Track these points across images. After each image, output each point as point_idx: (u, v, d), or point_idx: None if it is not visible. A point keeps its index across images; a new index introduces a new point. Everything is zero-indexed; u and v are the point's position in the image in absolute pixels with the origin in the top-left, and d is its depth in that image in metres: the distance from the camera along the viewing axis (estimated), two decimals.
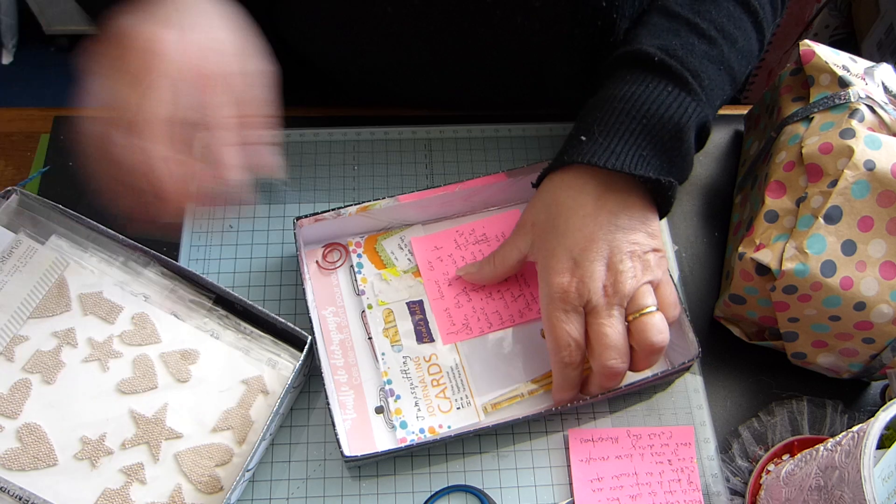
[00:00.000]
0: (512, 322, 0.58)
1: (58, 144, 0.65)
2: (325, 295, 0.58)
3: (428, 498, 0.53)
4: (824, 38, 1.51)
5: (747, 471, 0.55)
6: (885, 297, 0.50)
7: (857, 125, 0.52)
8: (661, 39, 0.55)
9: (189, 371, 0.53)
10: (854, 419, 0.56)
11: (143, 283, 0.55)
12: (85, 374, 0.52)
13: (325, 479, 0.53)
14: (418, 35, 0.62)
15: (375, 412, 0.54)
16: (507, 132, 0.68)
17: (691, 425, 0.56)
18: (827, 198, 0.51)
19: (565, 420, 0.56)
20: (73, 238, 0.55)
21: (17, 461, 0.49)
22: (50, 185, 0.63)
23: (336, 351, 0.56)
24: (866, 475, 0.40)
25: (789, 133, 0.57)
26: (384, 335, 0.57)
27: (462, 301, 0.59)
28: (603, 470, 0.54)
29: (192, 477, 0.50)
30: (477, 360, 0.56)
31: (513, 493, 0.54)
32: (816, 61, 0.58)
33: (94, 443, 0.50)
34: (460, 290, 0.59)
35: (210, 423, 0.52)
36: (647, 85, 0.53)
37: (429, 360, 0.56)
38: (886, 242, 0.51)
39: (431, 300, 0.58)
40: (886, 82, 0.57)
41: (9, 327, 0.52)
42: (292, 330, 0.53)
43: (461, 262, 0.60)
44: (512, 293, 0.59)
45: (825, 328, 0.53)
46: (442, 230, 0.61)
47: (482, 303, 0.59)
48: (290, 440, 0.54)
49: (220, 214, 0.63)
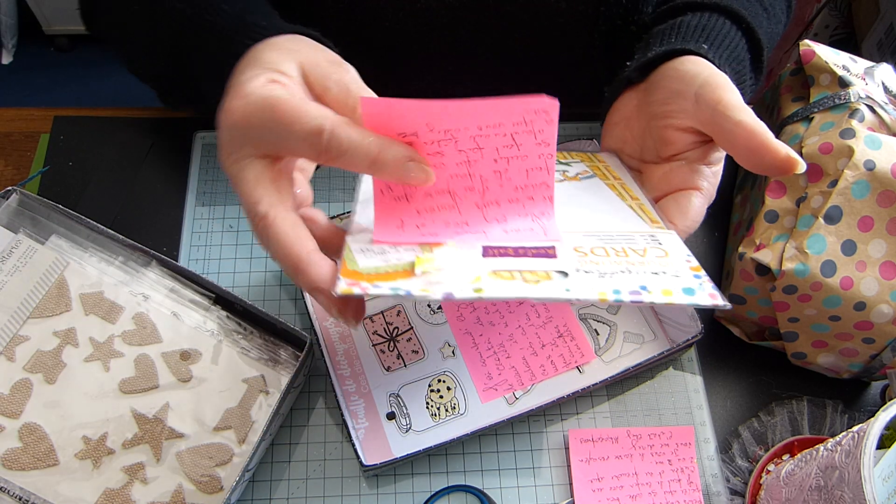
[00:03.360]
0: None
1: (58, 144, 0.65)
2: None
3: (428, 498, 0.53)
4: (824, 38, 1.51)
5: (747, 471, 0.55)
6: (885, 297, 0.50)
7: (857, 125, 0.52)
8: (741, 1, 0.54)
9: (190, 371, 0.53)
10: (854, 419, 0.56)
11: (144, 282, 0.55)
12: (86, 373, 0.52)
13: (325, 479, 0.53)
14: (443, 12, 0.62)
15: (387, 418, 0.54)
16: None
17: (691, 425, 0.56)
18: (827, 198, 0.51)
19: (565, 420, 0.56)
20: (73, 238, 0.55)
21: (18, 461, 0.49)
22: (50, 185, 0.63)
23: (342, 361, 0.56)
24: (866, 475, 0.40)
25: (789, 133, 0.57)
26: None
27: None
28: (603, 470, 0.54)
29: (192, 477, 0.50)
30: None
31: (513, 493, 0.54)
32: (816, 61, 0.58)
33: (95, 443, 0.50)
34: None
35: (211, 423, 0.52)
36: (740, 47, 0.53)
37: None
38: (886, 242, 0.51)
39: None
40: (886, 82, 0.57)
41: (9, 327, 0.52)
42: (292, 330, 0.53)
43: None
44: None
45: (825, 328, 0.53)
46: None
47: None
48: (290, 440, 0.54)
49: (220, 214, 0.63)
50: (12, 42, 1.80)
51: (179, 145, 0.66)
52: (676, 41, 0.51)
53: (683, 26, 0.53)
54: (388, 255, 0.40)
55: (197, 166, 0.65)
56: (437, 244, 0.41)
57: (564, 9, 0.61)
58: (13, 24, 1.78)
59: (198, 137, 0.66)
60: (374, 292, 0.37)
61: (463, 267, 0.39)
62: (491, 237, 0.42)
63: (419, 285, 0.37)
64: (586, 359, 0.57)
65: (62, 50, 1.83)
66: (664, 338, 0.58)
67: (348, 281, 0.37)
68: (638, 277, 0.40)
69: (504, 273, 0.39)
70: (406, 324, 0.58)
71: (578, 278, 0.39)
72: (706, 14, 0.54)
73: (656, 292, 0.39)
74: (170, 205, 0.63)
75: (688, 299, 0.39)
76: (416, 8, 0.61)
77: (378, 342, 0.57)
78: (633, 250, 0.42)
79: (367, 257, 0.39)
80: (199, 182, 0.64)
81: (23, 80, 1.80)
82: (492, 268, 0.39)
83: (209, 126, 0.67)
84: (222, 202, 0.63)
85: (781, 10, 0.60)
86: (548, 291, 0.38)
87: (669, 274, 0.40)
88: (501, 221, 0.42)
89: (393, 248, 0.40)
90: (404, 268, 0.39)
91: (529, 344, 0.57)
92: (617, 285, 0.39)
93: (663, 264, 0.41)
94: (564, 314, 0.59)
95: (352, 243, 0.40)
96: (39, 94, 1.77)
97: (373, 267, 0.39)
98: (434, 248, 0.40)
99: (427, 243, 0.41)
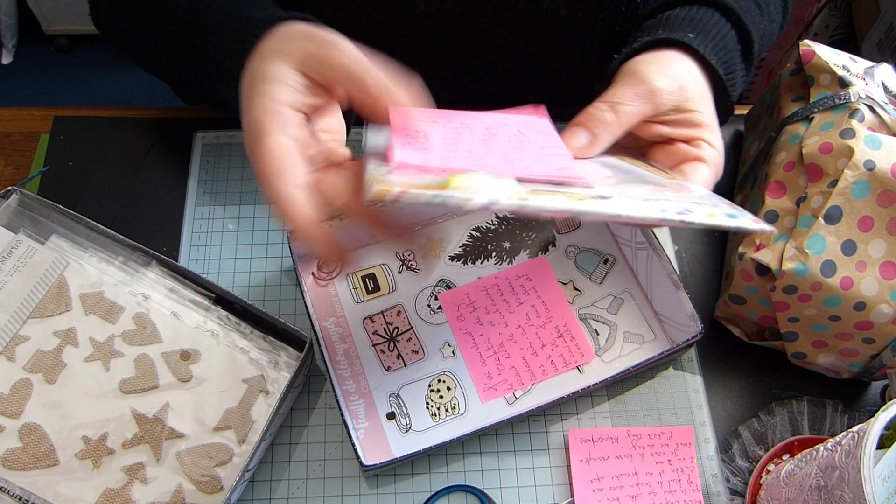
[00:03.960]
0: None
1: (58, 144, 0.65)
2: (325, 306, 0.58)
3: (428, 498, 0.53)
4: (824, 38, 1.51)
5: (747, 471, 0.55)
6: (885, 297, 0.50)
7: (857, 125, 0.52)
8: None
9: (190, 371, 0.53)
10: (854, 419, 0.56)
11: (143, 282, 0.55)
12: (86, 373, 0.52)
13: (325, 479, 0.53)
14: (441, 18, 0.62)
15: (387, 418, 0.54)
16: None
17: (691, 425, 0.56)
18: (827, 198, 0.51)
19: (565, 420, 0.56)
20: (73, 238, 0.55)
21: (18, 461, 0.49)
22: (50, 185, 0.63)
23: (342, 361, 0.56)
24: (866, 475, 0.40)
25: (789, 133, 0.57)
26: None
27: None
28: (603, 470, 0.54)
29: (192, 477, 0.50)
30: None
31: (513, 493, 0.54)
32: (816, 61, 0.58)
33: (95, 443, 0.50)
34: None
35: (211, 423, 0.52)
36: (729, 37, 0.53)
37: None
38: (886, 242, 0.51)
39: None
40: (886, 82, 0.57)
41: (9, 327, 0.52)
42: (292, 330, 0.53)
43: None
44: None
45: (825, 328, 0.53)
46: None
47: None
48: (290, 440, 0.54)
49: (220, 214, 0.63)
50: (12, 42, 1.80)
51: (179, 145, 0.66)
52: (663, 32, 0.52)
53: (671, 18, 0.53)
54: (417, 178, 0.37)
55: (197, 166, 0.65)
56: (468, 170, 0.38)
57: (564, 15, 0.61)
58: (13, 24, 1.78)
59: (198, 137, 0.66)
60: (411, 196, 0.34)
61: (501, 185, 0.37)
62: (521, 175, 0.39)
63: (458, 193, 0.34)
64: (586, 359, 0.57)
65: (62, 50, 1.83)
66: (664, 338, 0.58)
67: (382, 186, 0.34)
68: (680, 203, 0.39)
69: (545, 190, 0.37)
70: (406, 324, 0.58)
71: (621, 200, 0.38)
72: (695, 7, 0.54)
73: (701, 214, 0.38)
74: (170, 205, 0.63)
75: (732, 222, 0.38)
76: (415, 14, 0.61)
77: (378, 342, 0.57)
78: (667, 189, 0.42)
79: (394, 176, 0.36)
80: (199, 182, 0.64)
81: (23, 80, 1.80)
82: (531, 188, 0.37)
83: (209, 126, 0.67)
84: (222, 202, 0.63)
85: (777, 10, 0.60)
86: (594, 206, 0.36)
87: (708, 204, 0.40)
88: (528, 169, 0.40)
89: (419, 172, 0.37)
90: (438, 184, 0.36)
91: (529, 344, 0.57)
92: (662, 206, 0.38)
93: (700, 198, 0.41)
94: (564, 314, 0.59)
95: (373, 168, 0.38)
96: (39, 94, 1.77)
97: (405, 181, 0.35)
98: (466, 173, 0.38)
99: (457, 171, 0.38)
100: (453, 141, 0.41)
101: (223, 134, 0.66)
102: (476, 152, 0.40)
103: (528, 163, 0.41)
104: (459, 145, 0.40)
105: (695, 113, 0.48)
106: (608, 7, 0.61)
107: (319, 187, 0.41)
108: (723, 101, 0.54)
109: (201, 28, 0.50)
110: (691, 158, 0.48)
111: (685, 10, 0.54)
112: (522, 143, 0.43)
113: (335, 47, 0.43)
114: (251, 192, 0.64)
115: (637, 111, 0.47)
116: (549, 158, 0.42)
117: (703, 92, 0.50)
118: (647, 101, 0.47)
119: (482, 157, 0.40)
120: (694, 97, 0.49)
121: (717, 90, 0.53)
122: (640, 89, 0.47)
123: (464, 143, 0.41)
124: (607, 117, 0.46)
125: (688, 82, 0.49)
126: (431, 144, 0.40)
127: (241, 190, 0.64)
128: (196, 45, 0.51)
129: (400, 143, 0.39)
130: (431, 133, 0.41)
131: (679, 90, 0.48)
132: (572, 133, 0.47)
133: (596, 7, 0.61)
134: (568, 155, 0.43)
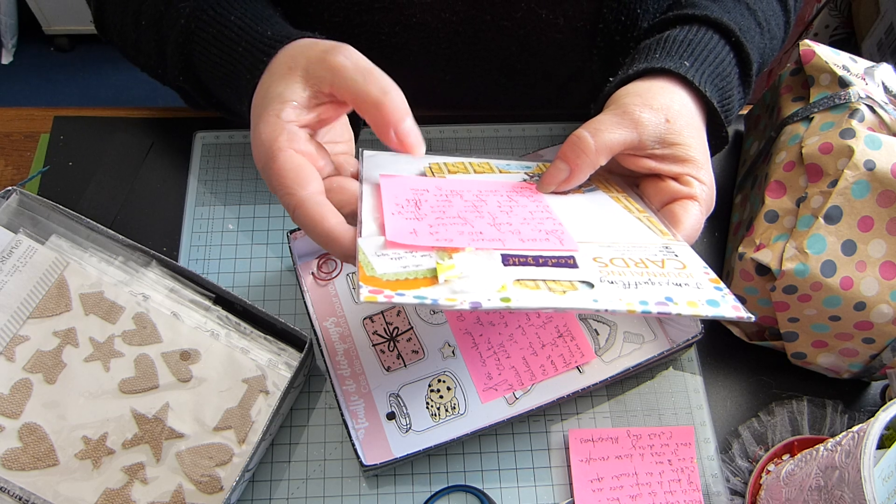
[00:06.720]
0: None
1: (57, 144, 0.65)
2: (325, 306, 0.58)
3: (428, 498, 0.53)
4: (824, 38, 1.51)
5: (747, 471, 0.55)
6: (885, 297, 0.50)
7: (857, 125, 0.52)
8: (733, 15, 0.55)
9: (190, 371, 0.53)
10: (854, 419, 0.56)
11: (143, 282, 0.55)
12: (86, 373, 0.52)
13: (324, 479, 0.53)
14: (439, 27, 0.62)
15: (387, 418, 0.54)
16: (508, 132, 0.68)
17: (691, 425, 0.56)
18: (827, 198, 0.51)
19: (565, 420, 0.56)
20: (72, 238, 0.55)
21: (18, 461, 0.49)
22: (50, 185, 0.63)
23: (342, 361, 0.56)
24: (866, 475, 0.40)
25: (789, 133, 0.57)
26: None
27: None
28: (603, 470, 0.54)
29: (192, 477, 0.50)
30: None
31: (513, 493, 0.54)
32: (816, 61, 0.58)
33: (95, 443, 0.50)
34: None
35: (211, 423, 0.52)
36: (727, 61, 0.54)
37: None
38: (886, 242, 0.51)
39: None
40: (886, 82, 0.57)
41: (9, 327, 0.52)
42: (292, 330, 0.53)
43: None
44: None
45: (825, 328, 0.53)
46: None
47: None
48: (290, 440, 0.54)
49: (220, 214, 0.63)
50: (12, 42, 1.80)
51: (179, 145, 0.66)
52: (660, 57, 0.52)
53: (669, 41, 0.53)
54: (406, 260, 0.40)
55: (197, 166, 0.65)
56: (455, 249, 0.41)
57: (562, 25, 0.61)
58: (13, 24, 1.78)
59: (198, 137, 0.66)
60: (399, 301, 0.37)
61: (486, 275, 0.39)
62: (508, 245, 0.42)
63: (444, 294, 0.37)
64: (586, 359, 0.57)
65: (62, 50, 1.83)
66: (664, 338, 0.58)
67: (371, 288, 0.37)
68: (662, 289, 0.40)
69: (528, 283, 0.39)
70: (406, 324, 0.58)
71: (604, 289, 0.39)
72: (694, 27, 0.54)
73: (682, 304, 0.39)
74: (170, 205, 0.63)
75: (713, 311, 0.39)
76: (413, 23, 0.61)
77: (378, 342, 0.57)
78: (651, 262, 0.42)
79: (383, 262, 0.39)
80: (199, 182, 0.64)
81: (23, 80, 1.80)
82: (515, 276, 0.39)
83: (209, 126, 0.67)
84: (222, 202, 0.63)
85: (778, 27, 0.60)
86: (576, 302, 0.38)
87: (692, 286, 0.40)
88: (516, 233, 0.43)
89: (409, 252, 0.40)
90: (425, 275, 0.39)
91: (529, 344, 0.57)
92: (643, 296, 0.39)
93: (683, 276, 0.41)
94: (565, 314, 0.59)
95: (365, 247, 0.40)
96: (39, 94, 1.77)
97: (392, 273, 0.38)
98: (452, 253, 0.40)
99: (444, 248, 0.41)
100: (443, 208, 0.44)
101: (223, 134, 0.66)
102: (465, 217, 0.44)
103: (515, 226, 0.44)
104: (448, 211, 0.44)
105: (681, 147, 0.48)
106: (607, 18, 0.61)
107: (328, 197, 0.43)
108: (717, 131, 0.54)
109: (214, 42, 0.51)
110: (681, 197, 0.48)
111: (684, 32, 0.54)
112: (512, 208, 0.45)
113: (338, 51, 0.44)
114: (251, 192, 0.64)
115: (618, 140, 0.47)
116: (538, 222, 0.44)
117: (693, 124, 0.50)
118: (630, 131, 0.47)
119: (471, 221, 0.43)
120: (680, 130, 0.49)
121: (712, 119, 0.53)
122: (623, 119, 0.47)
123: (453, 209, 0.44)
124: (586, 145, 0.47)
125: (675, 115, 0.49)
126: (422, 213, 0.43)
127: (241, 190, 0.64)
128: (206, 58, 0.52)
129: (391, 212, 0.43)
130: (422, 201, 0.44)
131: (664, 122, 0.48)
132: (555, 169, 0.48)
133: (595, 17, 0.61)
134: (555, 219, 0.45)
